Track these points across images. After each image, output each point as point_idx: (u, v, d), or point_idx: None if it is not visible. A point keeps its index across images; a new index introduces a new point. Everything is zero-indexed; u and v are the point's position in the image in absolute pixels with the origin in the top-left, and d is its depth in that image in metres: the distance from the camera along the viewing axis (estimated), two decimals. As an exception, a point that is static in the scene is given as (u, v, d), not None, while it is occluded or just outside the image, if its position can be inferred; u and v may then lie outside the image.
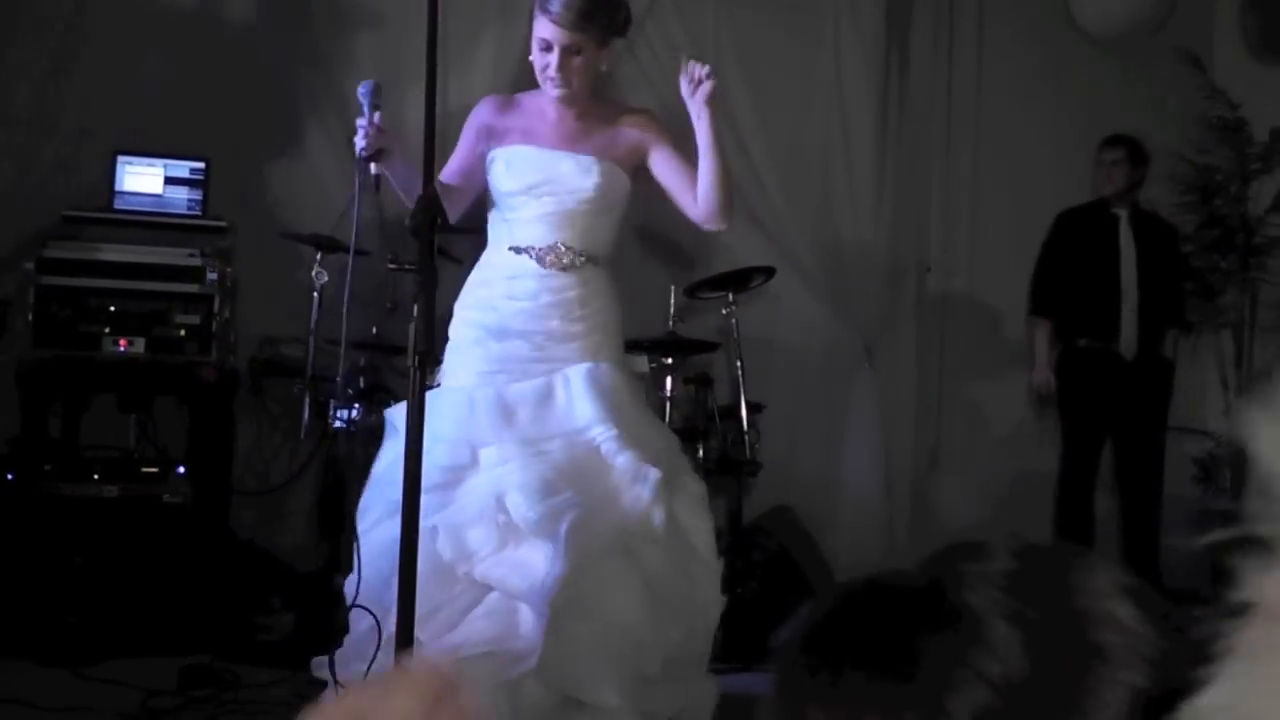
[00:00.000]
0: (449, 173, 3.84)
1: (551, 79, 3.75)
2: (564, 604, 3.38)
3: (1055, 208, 6.84)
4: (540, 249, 3.75)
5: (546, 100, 3.86)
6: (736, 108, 7.02)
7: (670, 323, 5.56)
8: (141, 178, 5.66)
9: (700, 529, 3.82)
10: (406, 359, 3.91)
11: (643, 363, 5.47)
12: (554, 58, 3.72)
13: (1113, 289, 6.49)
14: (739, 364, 5.62)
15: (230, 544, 5.62)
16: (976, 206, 7.51)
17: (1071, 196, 6.86)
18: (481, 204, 4.01)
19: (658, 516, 3.67)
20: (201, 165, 5.73)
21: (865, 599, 0.93)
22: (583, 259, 3.80)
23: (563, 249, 3.77)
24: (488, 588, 3.50)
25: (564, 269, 3.76)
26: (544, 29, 3.70)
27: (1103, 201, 6.65)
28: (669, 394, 5.64)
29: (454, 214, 3.76)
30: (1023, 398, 7.21)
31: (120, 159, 5.67)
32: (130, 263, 5.47)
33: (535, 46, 3.75)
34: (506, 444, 3.60)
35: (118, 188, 5.64)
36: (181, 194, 5.70)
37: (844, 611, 0.93)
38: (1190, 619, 0.92)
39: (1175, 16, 7.47)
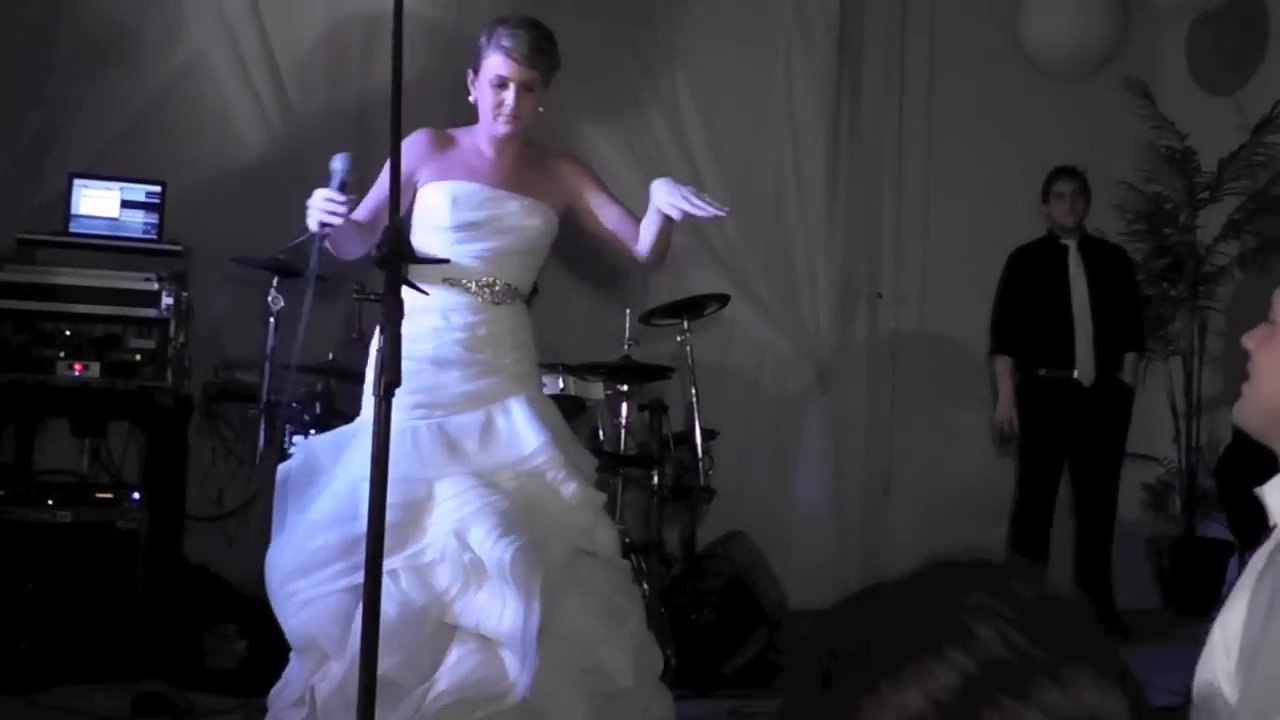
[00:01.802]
0: (371, 207, 3.74)
1: (506, 116, 3.80)
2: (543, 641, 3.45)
3: (1006, 236, 6.91)
4: (477, 284, 3.79)
5: (483, 138, 3.90)
6: (690, 137, 7.07)
7: (625, 348, 5.57)
8: (97, 201, 5.63)
9: (612, 535, 3.94)
10: (362, 384, 3.95)
11: (598, 388, 5.49)
12: (510, 95, 3.78)
13: (1065, 319, 6.58)
14: (693, 390, 5.63)
15: (183, 570, 5.59)
16: (928, 234, 7.59)
17: (1021, 225, 6.94)
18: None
19: (602, 537, 3.86)
20: (157, 189, 5.71)
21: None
22: (513, 294, 3.87)
23: (498, 285, 3.82)
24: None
25: (497, 304, 3.82)
26: (501, 66, 3.76)
27: (1051, 235, 6.74)
28: (623, 420, 5.65)
29: (365, 248, 3.75)
30: (975, 424, 7.27)
31: (76, 181, 5.63)
32: (85, 286, 5.44)
33: (487, 84, 3.79)
34: (457, 477, 3.63)
35: (73, 211, 5.60)
36: (137, 217, 5.67)
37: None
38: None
39: (1123, 48, 7.60)
